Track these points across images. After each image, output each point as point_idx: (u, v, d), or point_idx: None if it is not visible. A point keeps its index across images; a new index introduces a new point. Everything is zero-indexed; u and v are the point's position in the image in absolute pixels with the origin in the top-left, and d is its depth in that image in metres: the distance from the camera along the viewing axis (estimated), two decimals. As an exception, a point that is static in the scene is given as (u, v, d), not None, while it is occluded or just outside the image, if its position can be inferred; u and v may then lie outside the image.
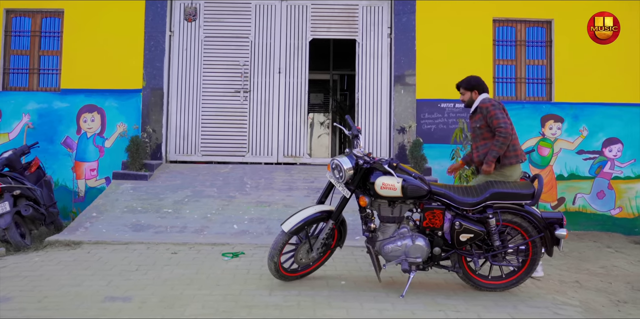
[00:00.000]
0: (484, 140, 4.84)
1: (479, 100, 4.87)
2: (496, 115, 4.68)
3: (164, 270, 4.71)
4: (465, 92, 4.95)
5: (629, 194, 8.16)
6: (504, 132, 4.64)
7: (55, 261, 4.99)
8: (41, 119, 8.13)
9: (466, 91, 4.95)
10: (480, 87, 4.92)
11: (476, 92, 4.91)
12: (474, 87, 4.91)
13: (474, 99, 4.93)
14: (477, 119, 4.84)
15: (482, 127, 4.80)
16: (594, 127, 8.20)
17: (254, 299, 3.95)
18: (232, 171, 7.91)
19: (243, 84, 8.38)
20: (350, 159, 4.22)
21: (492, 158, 4.68)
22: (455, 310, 3.84)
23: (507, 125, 4.67)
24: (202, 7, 8.42)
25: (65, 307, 3.78)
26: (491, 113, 4.69)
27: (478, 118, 4.82)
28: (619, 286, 5.09)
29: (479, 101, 4.87)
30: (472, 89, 4.92)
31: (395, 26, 8.28)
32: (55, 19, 8.38)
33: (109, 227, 6.17)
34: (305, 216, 4.21)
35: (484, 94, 4.93)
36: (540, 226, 4.21)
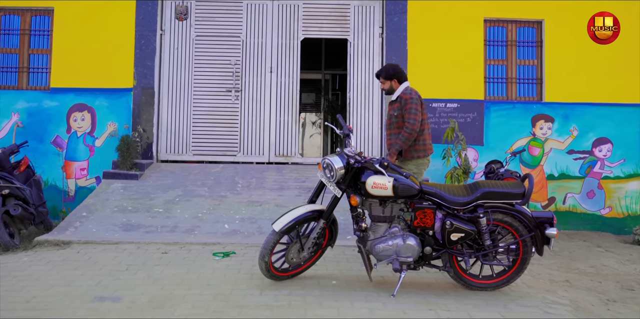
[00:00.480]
0: (397, 129, 5.08)
1: (401, 89, 5.08)
2: (410, 110, 4.91)
3: (154, 270, 4.68)
4: (385, 81, 5.17)
5: (619, 194, 8.21)
6: (409, 128, 4.90)
7: (45, 261, 4.96)
8: (31, 118, 8.07)
9: (386, 80, 5.17)
10: (399, 75, 5.14)
11: (396, 81, 5.13)
12: (392, 76, 5.12)
13: (394, 88, 5.15)
14: (395, 107, 5.06)
15: (399, 117, 5.03)
16: (584, 127, 8.24)
17: (245, 299, 3.94)
18: (224, 171, 7.89)
19: (234, 84, 8.35)
20: (342, 159, 4.21)
21: (395, 151, 4.97)
22: (446, 309, 3.84)
23: (416, 122, 4.89)
24: (193, 6, 8.39)
25: (54, 307, 3.75)
26: (407, 106, 4.93)
27: (396, 107, 5.04)
28: (609, 285, 5.12)
29: (401, 90, 5.08)
30: (391, 78, 5.13)
31: (387, 26, 8.29)
32: (45, 17, 8.31)
33: (99, 226, 6.13)
34: (297, 216, 4.20)
35: (405, 83, 5.14)
36: (530, 226, 4.22)
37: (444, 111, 8.21)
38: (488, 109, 8.21)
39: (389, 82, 5.14)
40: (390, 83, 5.14)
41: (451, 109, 8.18)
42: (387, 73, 5.13)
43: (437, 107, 8.22)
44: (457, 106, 8.21)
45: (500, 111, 8.23)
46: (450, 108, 8.17)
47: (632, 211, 8.18)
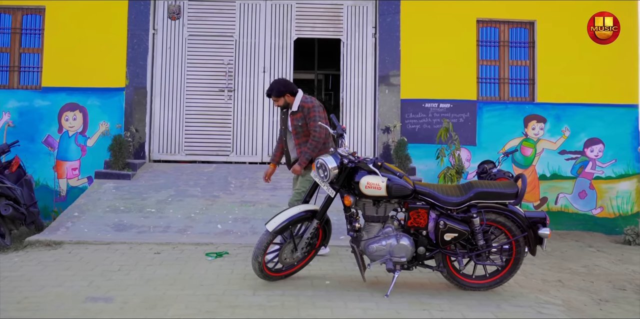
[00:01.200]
0: (305, 137, 5.05)
1: (299, 99, 5.02)
2: (315, 117, 4.92)
3: (147, 270, 4.66)
4: (278, 99, 5.04)
5: (610, 194, 8.26)
6: (317, 136, 4.90)
7: (36, 261, 4.92)
8: (22, 118, 8.02)
9: (278, 98, 5.04)
10: (290, 89, 5.03)
11: (289, 95, 5.02)
12: (284, 93, 5.00)
13: (289, 102, 5.04)
14: (298, 117, 4.99)
15: (304, 126, 4.99)
16: (576, 128, 8.29)
17: (238, 299, 3.93)
18: (216, 171, 7.87)
19: (227, 83, 8.33)
20: (335, 158, 4.21)
21: (306, 160, 4.92)
22: (440, 309, 3.84)
23: (322, 129, 4.85)
24: (186, 5, 8.36)
25: (45, 308, 3.72)
26: (311, 114, 4.93)
27: (299, 117, 4.98)
28: (601, 285, 5.15)
29: (299, 100, 5.02)
30: (283, 95, 5.01)
31: (380, 26, 8.30)
32: (36, 16, 8.27)
33: (90, 227, 6.10)
34: (290, 216, 4.19)
35: (299, 93, 5.07)
36: (523, 226, 4.22)
37: (437, 111, 8.23)
38: (480, 109, 8.24)
39: (282, 98, 5.01)
40: (284, 99, 5.02)
41: (444, 109, 8.20)
42: (279, 91, 4.99)
43: (430, 107, 8.23)
44: (449, 106, 8.23)
45: (492, 111, 8.26)
46: (443, 108, 8.19)
47: (624, 211, 8.23)
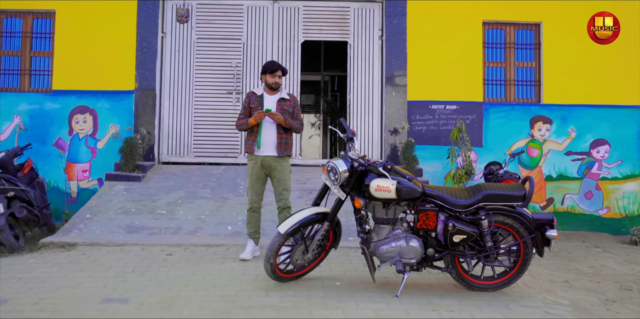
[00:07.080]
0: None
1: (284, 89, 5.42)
2: (300, 111, 5.47)
3: (160, 271, 4.73)
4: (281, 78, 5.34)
5: (616, 195, 8.29)
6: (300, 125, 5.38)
7: (51, 263, 5.00)
8: (33, 120, 8.11)
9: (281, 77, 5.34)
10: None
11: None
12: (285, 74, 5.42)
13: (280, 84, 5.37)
14: (288, 104, 5.31)
15: (291, 114, 5.32)
16: (582, 129, 8.32)
17: (251, 300, 4.00)
18: (225, 172, 7.94)
19: (235, 86, 8.41)
20: (346, 162, 4.27)
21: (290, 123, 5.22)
22: (449, 310, 3.90)
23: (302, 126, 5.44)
24: (194, 8, 8.43)
25: (62, 308, 3.80)
26: (298, 107, 5.42)
27: (289, 104, 5.31)
28: (608, 285, 5.20)
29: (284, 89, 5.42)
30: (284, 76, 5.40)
31: (387, 28, 8.35)
32: (47, 20, 8.36)
33: (103, 228, 6.18)
34: (302, 218, 4.26)
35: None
36: (531, 227, 4.28)
37: (443, 113, 8.28)
38: (487, 111, 8.29)
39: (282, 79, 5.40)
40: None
41: (450, 111, 8.25)
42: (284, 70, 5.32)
43: (437, 109, 8.28)
44: (456, 107, 8.28)
45: (499, 112, 8.31)
46: (450, 110, 8.24)
47: (630, 212, 8.26)
